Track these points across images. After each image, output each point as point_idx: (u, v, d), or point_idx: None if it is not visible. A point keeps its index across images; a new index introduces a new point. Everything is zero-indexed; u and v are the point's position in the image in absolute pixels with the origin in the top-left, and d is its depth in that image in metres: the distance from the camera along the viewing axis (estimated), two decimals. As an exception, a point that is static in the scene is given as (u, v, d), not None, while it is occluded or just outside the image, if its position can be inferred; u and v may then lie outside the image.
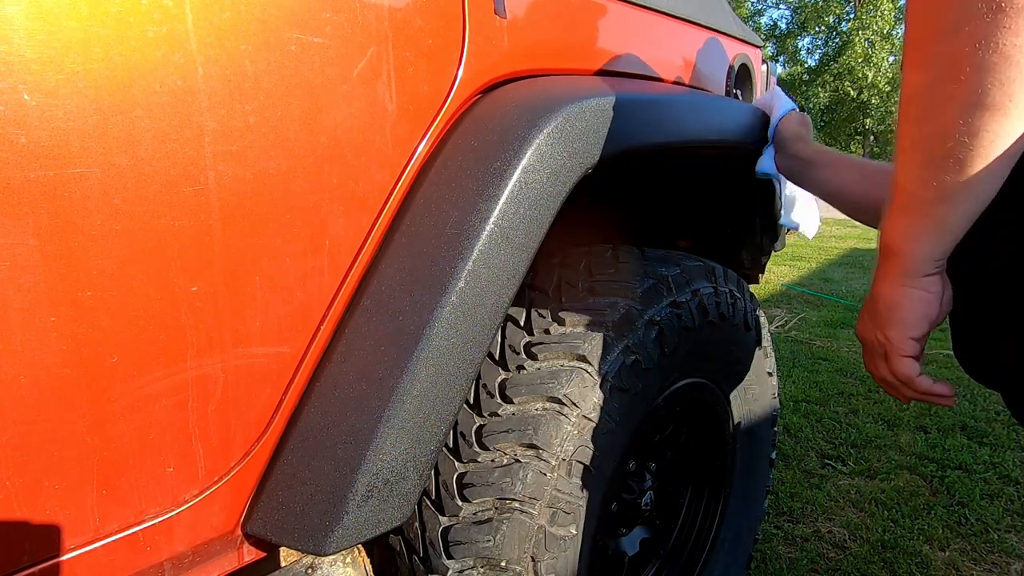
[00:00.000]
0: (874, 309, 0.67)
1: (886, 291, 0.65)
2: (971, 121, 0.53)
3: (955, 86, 0.53)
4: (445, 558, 0.86)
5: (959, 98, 0.53)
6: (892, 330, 0.65)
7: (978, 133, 0.53)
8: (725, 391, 1.30)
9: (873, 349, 0.70)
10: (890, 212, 0.63)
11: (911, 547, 1.90)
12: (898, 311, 0.64)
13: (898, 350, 0.66)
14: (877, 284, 0.66)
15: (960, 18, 0.51)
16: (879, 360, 0.69)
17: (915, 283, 0.62)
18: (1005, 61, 0.50)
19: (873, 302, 0.67)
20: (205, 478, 0.69)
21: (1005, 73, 0.50)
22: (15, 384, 0.54)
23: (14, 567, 0.58)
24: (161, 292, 0.61)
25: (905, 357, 0.66)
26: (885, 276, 0.65)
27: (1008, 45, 0.49)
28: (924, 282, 0.62)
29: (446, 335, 0.75)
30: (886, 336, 0.66)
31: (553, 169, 0.82)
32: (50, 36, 0.52)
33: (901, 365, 0.66)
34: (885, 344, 0.67)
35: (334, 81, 0.70)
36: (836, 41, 27.71)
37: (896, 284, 0.63)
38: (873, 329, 0.68)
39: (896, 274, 0.63)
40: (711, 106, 1.25)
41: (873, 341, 0.69)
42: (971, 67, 0.51)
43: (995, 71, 0.50)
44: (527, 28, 0.93)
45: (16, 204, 0.52)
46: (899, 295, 0.63)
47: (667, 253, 1.19)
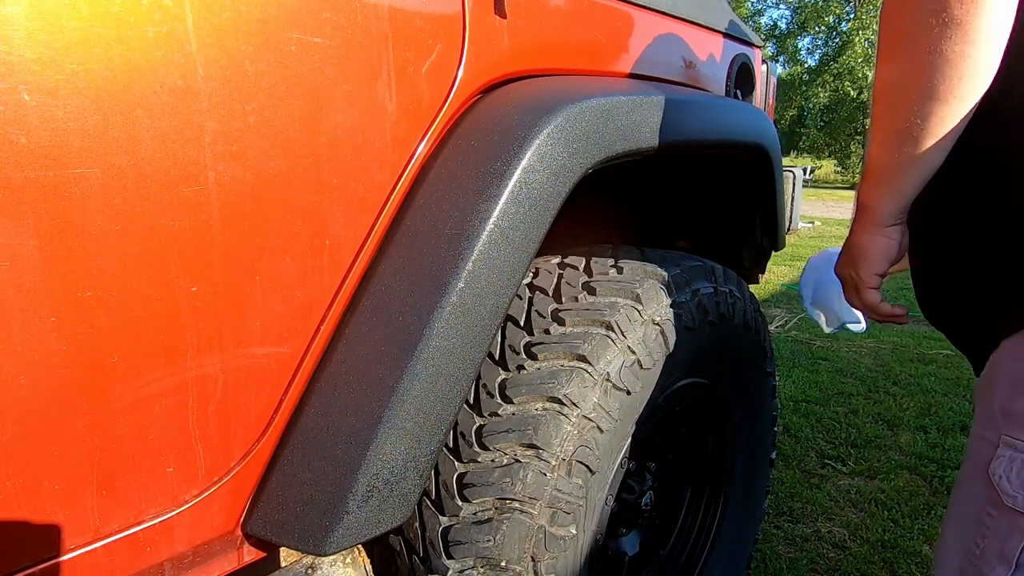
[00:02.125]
0: (849, 252, 0.85)
1: (858, 238, 0.82)
2: (923, 109, 0.69)
3: (912, 82, 0.69)
4: (445, 558, 0.86)
5: (915, 91, 0.69)
6: (862, 268, 0.83)
7: (928, 117, 0.69)
8: (725, 391, 1.29)
9: (848, 283, 0.88)
10: (864, 177, 0.80)
11: (911, 547, 1.90)
12: (866, 253, 0.82)
13: (866, 283, 0.84)
14: (853, 232, 0.83)
15: (917, 29, 0.67)
16: (852, 291, 0.87)
17: (880, 231, 0.80)
18: (948, 64, 0.66)
19: (849, 246, 0.85)
20: (205, 478, 0.69)
21: (948, 72, 0.66)
22: (15, 384, 0.54)
23: (14, 567, 0.58)
24: (161, 292, 0.61)
25: (871, 288, 0.84)
26: (859, 226, 0.82)
27: (950, 52, 0.65)
28: (887, 231, 0.80)
29: (446, 335, 0.75)
30: (857, 272, 0.84)
31: (553, 169, 0.82)
32: (50, 36, 0.52)
33: (868, 295, 0.85)
34: (856, 279, 0.85)
35: (334, 81, 0.70)
36: (836, 41, 27.69)
37: (865, 232, 0.81)
38: (847, 267, 0.86)
39: (866, 224, 0.80)
40: (711, 106, 1.25)
41: (847, 276, 0.87)
42: (924, 68, 0.67)
43: (941, 71, 0.66)
44: (527, 28, 0.93)
45: (16, 204, 0.52)
46: (867, 241, 0.81)
47: (667, 253, 1.19)
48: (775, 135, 1.42)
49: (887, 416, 2.79)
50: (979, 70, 0.66)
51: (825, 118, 27.84)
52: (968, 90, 0.67)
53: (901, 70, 0.70)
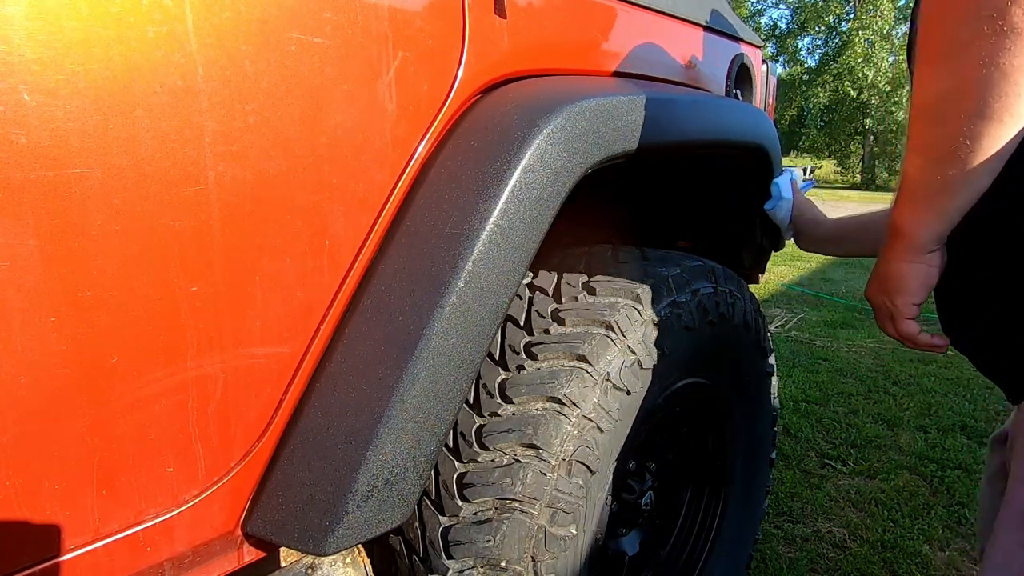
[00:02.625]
0: (884, 279, 0.79)
1: (895, 265, 0.76)
2: (973, 128, 0.62)
3: (962, 98, 0.62)
4: (445, 558, 0.86)
5: (965, 108, 0.62)
6: (899, 297, 0.77)
7: (979, 138, 0.62)
8: (725, 391, 1.29)
9: (882, 311, 0.82)
10: (900, 199, 0.74)
11: (911, 547, 1.90)
12: (904, 282, 0.76)
13: (903, 313, 0.78)
14: (887, 258, 0.77)
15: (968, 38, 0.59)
16: (887, 320, 0.82)
17: (919, 259, 0.74)
18: (1004, 78, 0.58)
19: (883, 273, 0.79)
20: (205, 478, 0.69)
21: (1003, 88, 0.59)
22: (15, 384, 0.54)
23: (14, 567, 0.58)
24: (161, 292, 0.61)
25: (909, 319, 0.79)
26: (894, 252, 0.76)
27: (1007, 65, 0.58)
28: (926, 258, 0.74)
29: (446, 335, 0.75)
30: (893, 302, 0.78)
31: (553, 169, 0.82)
32: (50, 36, 0.52)
33: (906, 326, 0.80)
34: (892, 308, 0.79)
35: (334, 81, 0.70)
36: (836, 41, 27.68)
37: (903, 259, 0.75)
38: (882, 295, 0.80)
39: (903, 251, 0.74)
40: (711, 106, 1.25)
41: (882, 305, 0.81)
42: (975, 82, 0.60)
43: (995, 86, 0.59)
44: (527, 28, 0.93)
45: (16, 204, 0.52)
46: (906, 269, 0.75)
47: (667, 253, 1.19)
48: (775, 135, 1.42)
49: (887, 416, 2.79)
50: None
51: (825, 118, 27.83)
52: None
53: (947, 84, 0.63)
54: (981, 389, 3.08)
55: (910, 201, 0.72)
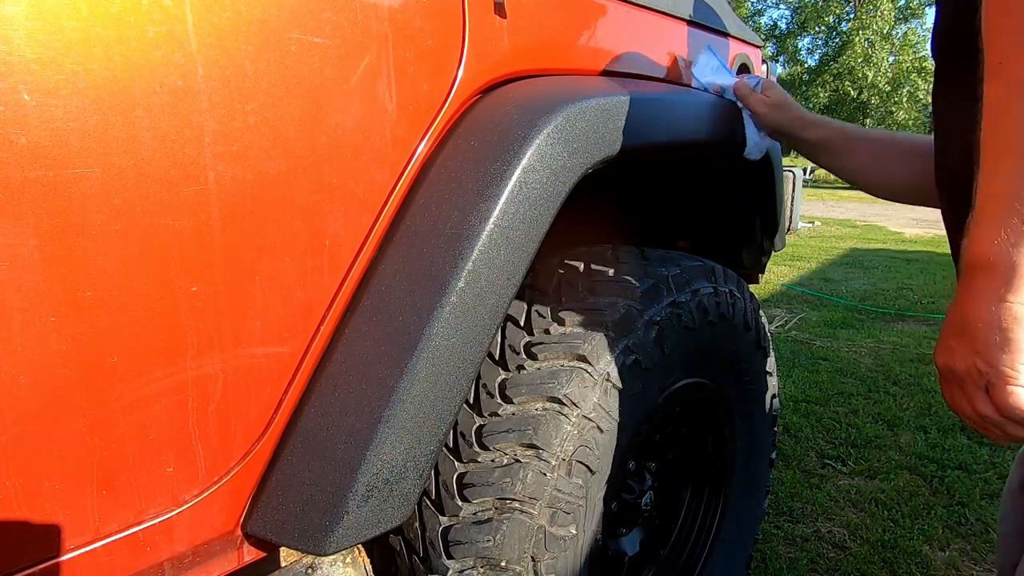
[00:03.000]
0: (970, 334, 0.59)
1: (986, 311, 0.57)
2: None
3: None
4: (445, 558, 0.86)
5: None
6: (1001, 355, 0.57)
7: None
8: (725, 391, 1.29)
9: (971, 381, 0.60)
10: (981, 224, 0.57)
11: (911, 547, 1.90)
12: (1006, 332, 0.56)
13: (1009, 378, 0.57)
14: (971, 305, 0.58)
15: None
16: (978, 393, 0.60)
17: (1021, 298, 0.55)
18: None
19: (968, 326, 0.59)
20: (205, 478, 0.69)
21: None
22: (15, 384, 0.54)
23: (14, 567, 0.58)
24: (161, 292, 0.61)
25: (1019, 387, 0.57)
26: (982, 295, 0.57)
27: None
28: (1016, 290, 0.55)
29: (446, 335, 0.75)
30: (990, 363, 0.58)
31: (553, 169, 0.82)
32: (50, 36, 0.52)
33: (1014, 397, 0.57)
34: (989, 373, 0.58)
35: (334, 81, 0.70)
36: (836, 41, 27.70)
37: (999, 300, 0.56)
38: (970, 356, 0.59)
39: (998, 289, 0.56)
40: (711, 106, 1.25)
41: (971, 371, 0.59)
42: None
43: None
44: (527, 28, 0.93)
45: (16, 204, 0.52)
46: (1005, 313, 0.56)
47: (667, 253, 1.19)
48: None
49: (887, 416, 2.79)
50: None
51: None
52: None
53: None
54: (981, 389, 3.07)
55: (1000, 222, 0.55)
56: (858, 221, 10.58)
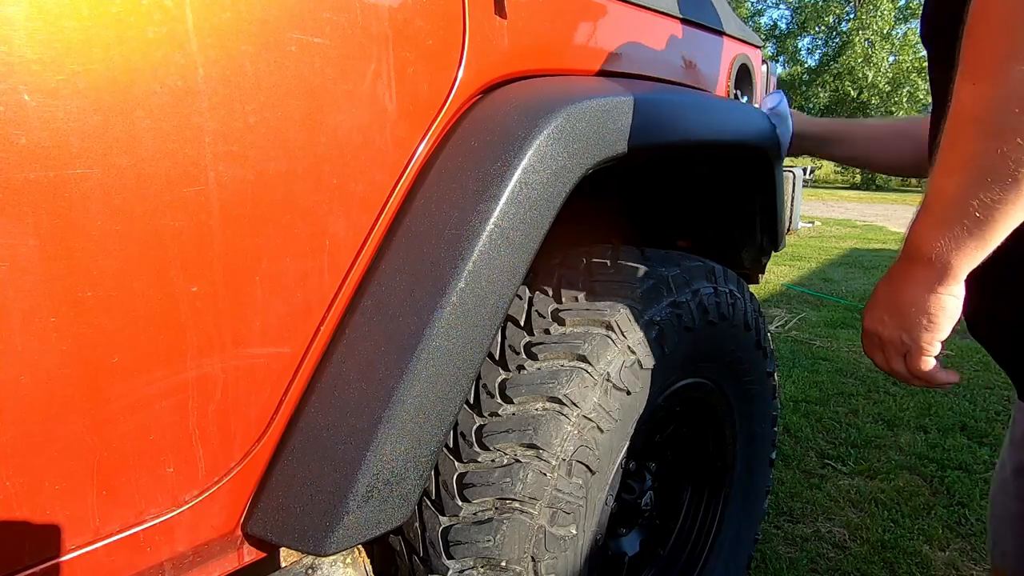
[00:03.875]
0: (901, 312, 0.68)
1: (919, 296, 0.65)
2: None
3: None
4: (445, 558, 0.86)
5: None
6: (921, 334, 0.67)
7: None
8: (725, 391, 1.29)
9: (893, 347, 0.71)
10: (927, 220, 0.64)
11: (911, 547, 1.90)
12: (931, 317, 0.66)
13: (925, 351, 0.68)
14: (905, 288, 0.67)
15: None
16: (896, 357, 0.71)
17: (950, 291, 0.64)
18: None
19: (902, 307, 0.68)
20: (205, 478, 0.69)
21: None
22: (15, 384, 0.54)
23: (14, 567, 0.58)
24: (161, 292, 0.61)
25: (929, 357, 0.69)
26: (917, 282, 0.65)
27: None
28: (956, 289, 0.64)
29: (446, 335, 0.75)
30: (913, 338, 0.68)
31: (553, 169, 0.82)
32: (50, 36, 0.52)
33: (925, 364, 0.69)
34: (910, 345, 0.69)
35: (334, 81, 0.70)
36: (836, 41, 27.70)
37: (930, 291, 0.65)
38: (897, 331, 0.69)
39: (931, 282, 0.64)
40: (711, 106, 1.25)
41: (895, 341, 0.70)
42: None
43: None
44: (527, 28, 0.93)
45: (16, 204, 0.52)
46: (933, 302, 0.65)
47: (667, 253, 1.19)
48: (775, 135, 1.42)
49: (887, 416, 2.79)
50: None
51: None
52: None
53: (1010, 93, 0.54)
54: (981, 389, 3.08)
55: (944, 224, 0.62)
56: (858, 221, 10.58)
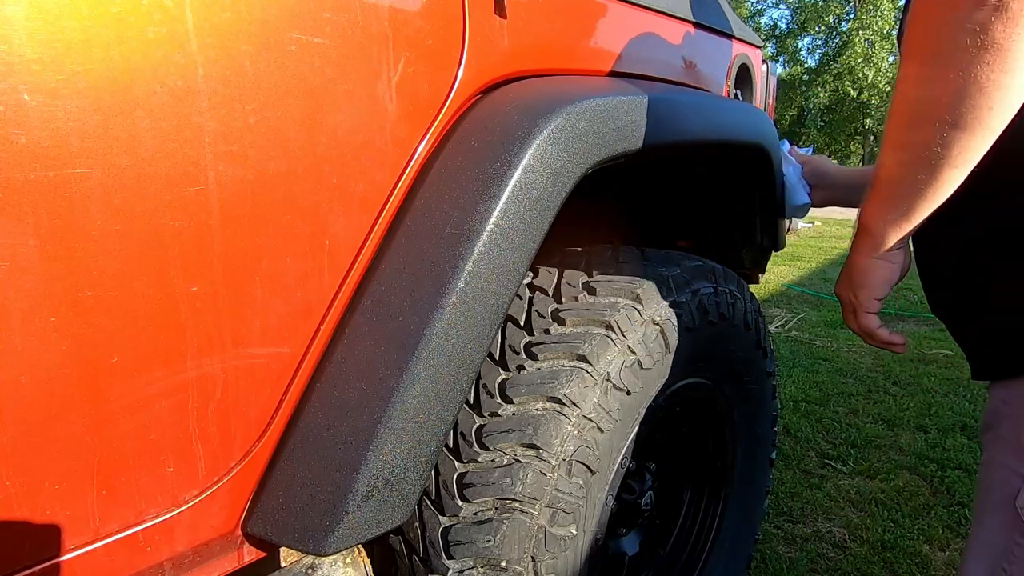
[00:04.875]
0: (849, 274, 0.81)
1: (860, 261, 0.78)
2: (947, 136, 0.63)
3: (937, 106, 0.63)
4: (445, 558, 0.86)
5: (939, 115, 0.63)
6: (861, 292, 0.80)
7: (950, 146, 0.63)
8: (725, 391, 1.29)
9: (846, 305, 0.85)
10: (871, 196, 0.75)
11: (911, 547, 1.90)
12: (867, 277, 0.79)
13: (864, 307, 0.82)
14: (853, 254, 0.80)
15: (950, 48, 0.60)
16: (850, 315, 0.85)
17: (883, 255, 0.76)
18: (980, 92, 0.59)
19: (849, 268, 0.81)
20: (205, 478, 0.69)
21: (978, 101, 0.60)
22: (15, 384, 0.54)
23: (14, 567, 0.58)
24: (161, 292, 0.61)
25: (870, 313, 0.82)
26: (860, 248, 0.78)
27: (984, 79, 0.59)
28: (889, 255, 0.76)
29: (446, 335, 0.75)
30: (856, 296, 0.82)
31: (553, 169, 0.82)
32: (50, 36, 0.52)
33: (866, 320, 0.83)
34: (855, 302, 0.82)
35: (334, 81, 0.70)
36: (836, 41, 27.70)
37: (868, 256, 0.77)
38: (847, 290, 0.83)
39: (869, 248, 0.77)
40: (711, 106, 1.25)
41: (847, 299, 0.84)
42: (952, 93, 0.61)
43: (970, 99, 0.60)
44: (527, 28, 0.93)
45: (16, 204, 0.52)
46: (869, 265, 0.78)
47: (667, 253, 1.19)
48: (775, 135, 1.41)
49: (887, 416, 2.79)
50: (1013, 101, 0.60)
51: (825, 118, 27.85)
52: (997, 121, 0.61)
53: (926, 90, 0.64)
54: (981, 389, 3.08)
55: (879, 198, 0.73)
56: (858, 221, 10.57)
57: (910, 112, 0.66)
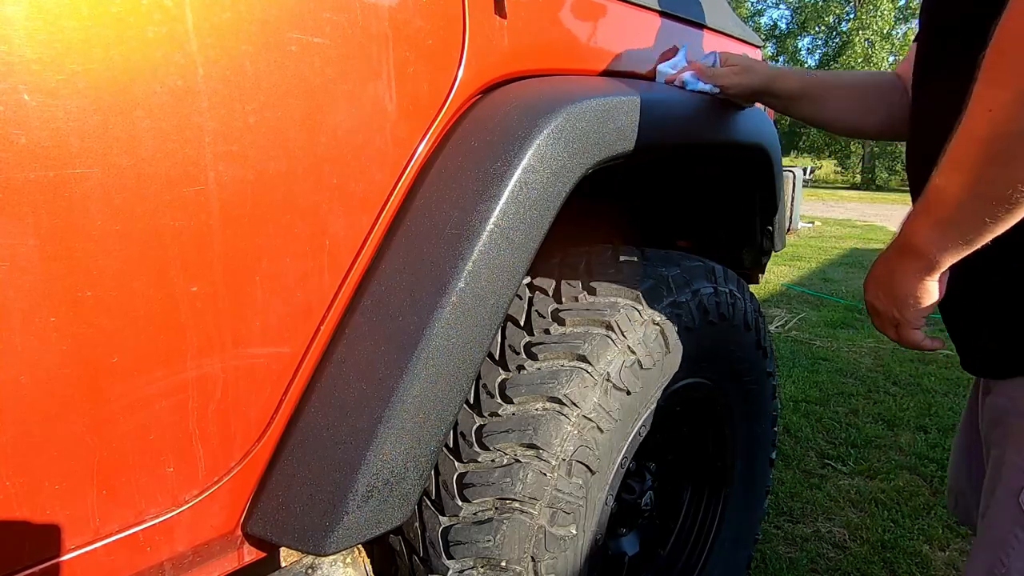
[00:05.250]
0: (894, 293, 0.77)
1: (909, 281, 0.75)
2: None
3: None
4: (445, 558, 0.86)
5: None
6: (910, 312, 0.77)
7: None
8: (725, 391, 1.29)
9: (887, 319, 0.81)
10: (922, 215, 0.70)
11: (911, 547, 1.90)
12: (918, 299, 0.75)
13: (913, 324, 0.79)
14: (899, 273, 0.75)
15: None
16: (889, 326, 0.82)
17: (935, 278, 0.73)
18: None
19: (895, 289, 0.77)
20: (205, 478, 0.69)
21: None
22: (15, 384, 0.54)
23: (15, 567, 0.58)
24: (161, 292, 0.61)
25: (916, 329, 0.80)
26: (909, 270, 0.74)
27: None
28: (941, 276, 0.73)
29: (446, 335, 0.75)
30: (902, 314, 0.78)
31: (553, 169, 0.82)
32: (50, 36, 0.52)
33: (913, 336, 0.80)
34: (899, 319, 0.79)
35: (334, 81, 0.70)
36: (836, 41, 27.70)
37: (919, 278, 0.73)
38: (891, 307, 0.79)
39: (921, 270, 0.73)
40: (711, 106, 1.25)
41: (888, 314, 0.80)
42: None
43: None
44: (527, 28, 0.93)
45: (16, 204, 0.52)
46: (921, 287, 0.74)
47: (667, 253, 1.19)
48: (775, 135, 1.42)
49: (887, 416, 2.79)
50: None
51: (825, 118, 27.73)
52: None
53: None
54: (981, 389, 3.08)
55: (939, 223, 0.67)
56: (858, 221, 10.58)
57: (999, 147, 0.59)
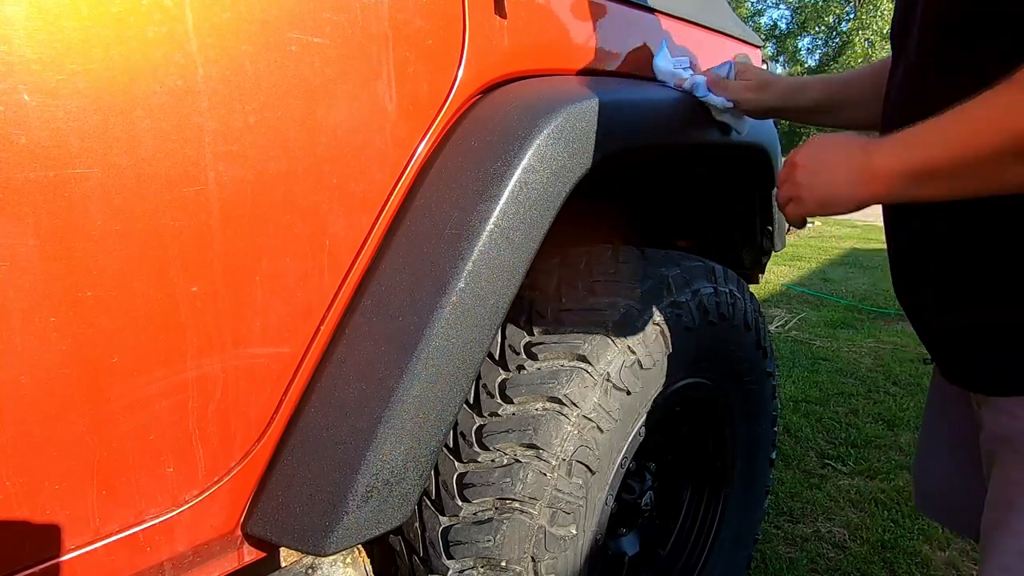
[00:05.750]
0: (820, 176, 0.76)
1: (841, 182, 0.73)
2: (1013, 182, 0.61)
3: None
4: (445, 558, 0.86)
5: None
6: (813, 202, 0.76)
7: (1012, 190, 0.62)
8: (725, 391, 1.29)
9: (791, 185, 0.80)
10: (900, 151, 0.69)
11: (911, 547, 1.90)
12: (831, 200, 0.75)
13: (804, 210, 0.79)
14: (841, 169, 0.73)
15: None
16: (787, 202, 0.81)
17: (862, 198, 0.72)
18: None
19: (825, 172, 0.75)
20: (205, 478, 0.69)
21: None
22: (15, 384, 0.54)
23: (15, 567, 0.58)
24: (161, 292, 0.61)
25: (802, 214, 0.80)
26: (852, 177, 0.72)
27: None
28: (865, 200, 0.72)
29: (446, 335, 0.75)
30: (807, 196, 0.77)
31: (553, 169, 0.82)
32: (50, 36, 0.52)
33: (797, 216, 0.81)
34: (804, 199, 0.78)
35: (334, 81, 0.70)
36: (836, 41, 27.70)
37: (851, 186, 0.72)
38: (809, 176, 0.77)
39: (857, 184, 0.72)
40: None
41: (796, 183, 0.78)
42: None
43: None
44: (527, 28, 0.93)
45: (16, 204, 0.52)
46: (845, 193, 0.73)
47: (667, 253, 1.19)
48: (775, 135, 1.42)
49: (887, 416, 2.79)
50: None
51: (825, 118, 27.75)
52: None
53: None
54: (981, 389, 3.07)
55: (911, 166, 0.67)
56: (858, 221, 10.58)
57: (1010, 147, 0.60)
